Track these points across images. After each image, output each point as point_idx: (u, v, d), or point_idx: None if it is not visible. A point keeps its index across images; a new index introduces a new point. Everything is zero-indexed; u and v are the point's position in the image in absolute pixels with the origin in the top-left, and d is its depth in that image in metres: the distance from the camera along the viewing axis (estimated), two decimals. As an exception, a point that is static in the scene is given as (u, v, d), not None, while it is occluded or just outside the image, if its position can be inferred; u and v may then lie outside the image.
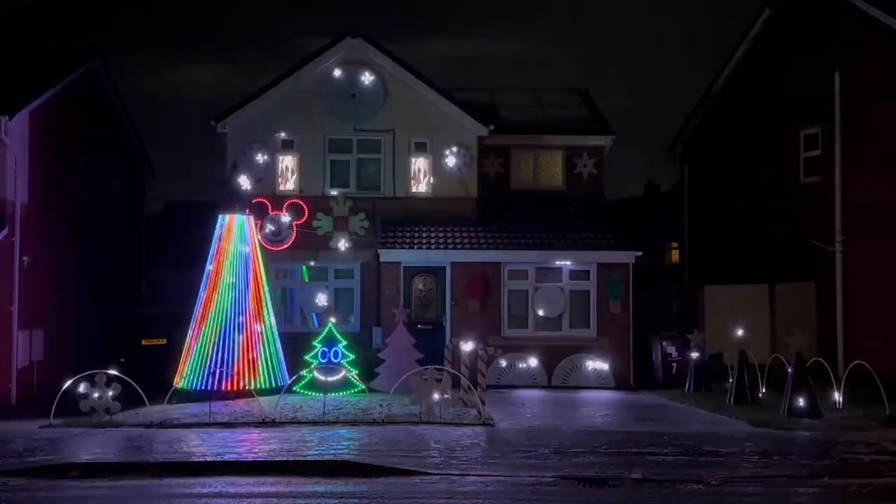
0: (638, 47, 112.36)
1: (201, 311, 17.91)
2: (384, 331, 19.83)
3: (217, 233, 18.29)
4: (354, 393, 17.19)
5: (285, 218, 21.01)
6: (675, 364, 20.33)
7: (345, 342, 17.54)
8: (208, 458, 11.70)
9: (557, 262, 20.85)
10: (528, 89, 26.36)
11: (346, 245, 21.08)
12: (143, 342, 20.32)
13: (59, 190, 20.52)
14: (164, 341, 20.02)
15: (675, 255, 32.04)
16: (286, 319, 20.74)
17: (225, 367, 17.30)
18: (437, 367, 16.01)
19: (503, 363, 20.27)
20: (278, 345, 18.42)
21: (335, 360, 17.19)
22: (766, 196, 23.33)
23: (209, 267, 18.15)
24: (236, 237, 18.14)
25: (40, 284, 19.16)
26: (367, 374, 18.11)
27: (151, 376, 16.45)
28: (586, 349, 20.57)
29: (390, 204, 21.55)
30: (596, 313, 20.70)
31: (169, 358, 18.26)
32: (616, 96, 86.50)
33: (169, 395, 15.41)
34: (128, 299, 24.83)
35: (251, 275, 18.13)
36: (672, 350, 20.50)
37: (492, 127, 21.93)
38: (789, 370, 15.51)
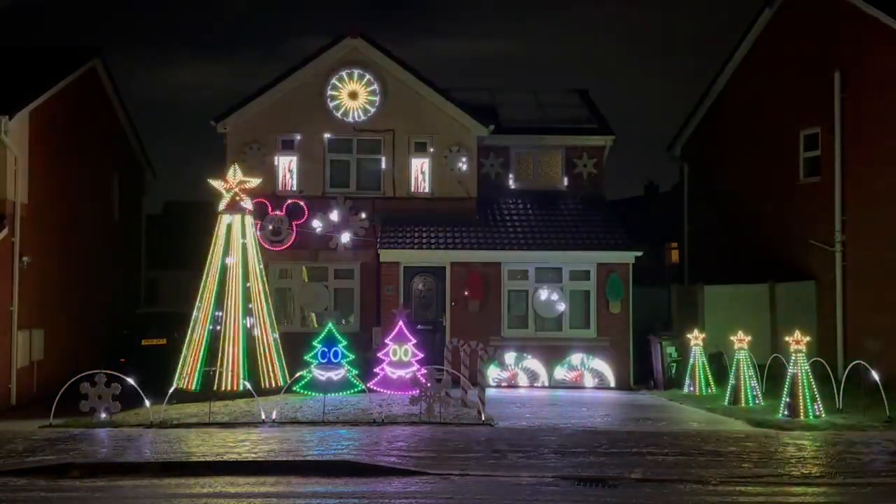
0: (638, 47, 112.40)
1: (200, 310, 17.90)
2: (384, 331, 19.83)
3: (216, 233, 18.32)
4: (354, 393, 17.18)
5: (285, 218, 21.01)
6: (675, 364, 20.34)
7: (345, 342, 17.54)
8: (208, 458, 11.71)
9: (557, 262, 20.85)
10: (529, 89, 26.37)
11: (346, 245, 21.08)
12: (143, 342, 20.29)
13: (59, 190, 20.51)
14: (164, 341, 19.99)
15: (675, 255, 32.04)
16: (286, 319, 20.77)
17: (225, 368, 17.30)
18: (437, 367, 16.01)
19: (503, 363, 20.27)
20: (278, 345, 18.43)
21: (335, 360, 17.19)
22: (766, 196, 23.35)
23: (207, 267, 18.17)
24: (233, 238, 18.14)
25: (40, 284, 19.15)
26: (367, 374, 18.11)
27: (151, 376, 16.44)
28: (586, 349, 20.57)
29: (390, 204, 21.56)
30: (596, 313, 20.71)
31: (169, 358, 18.26)
32: (616, 96, 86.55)
33: (169, 395, 15.40)
34: (128, 299, 24.82)
35: (248, 275, 18.11)
36: (672, 350, 20.51)
37: (492, 127, 21.94)
38: (789, 370, 15.52)
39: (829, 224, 21.03)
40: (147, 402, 14.95)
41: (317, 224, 21.06)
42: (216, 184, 18.46)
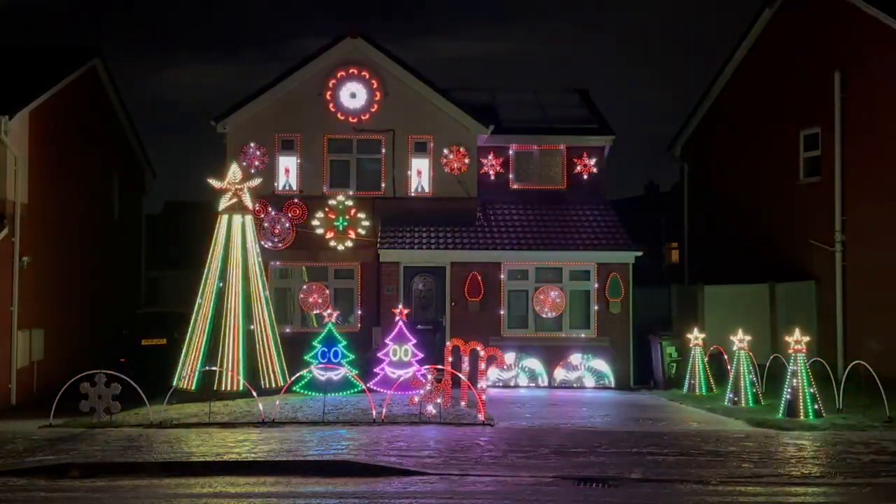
0: (638, 47, 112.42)
1: (200, 311, 17.90)
2: (384, 331, 19.81)
3: (215, 234, 18.31)
4: (354, 393, 17.17)
5: (285, 218, 21.02)
6: (675, 364, 20.34)
7: (345, 342, 17.54)
8: (208, 458, 11.70)
9: (557, 262, 20.85)
10: (529, 89, 26.37)
11: (346, 245, 21.08)
12: (143, 342, 20.31)
13: (59, 190, 20.50)
14: (164, 341, 20.01)
15: (675, 255, 32.07)
16: (286, 319, 20.76)
17: (224, 368, 17.30)
18: (437, 367, 16.01)
19: (503, 363, 20.24)
20: (278, 345, 18.42)
21: (335, 360, 17.18)
22: (766, 196, 23.35)
23: (207, 267, 18.16)
24: (232, 238, 18.14)
25: (40, 284, 19.14)
26: (367, 374, 18.10)
27: (151, 376, 16.43)
28: (586, 349, 20.57)
29: (390, 204, 21.55)
30: (596, 313, 20.72)
31: (169, 358, 18.25)
32: (616, 96, 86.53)
33: (169, 395, 15.39)
34: (128, 299, 24.82)
35: (249, 275, 18.10)
36: (672, 350, 20.51)
37: (492, 127, 21.94)
38: (789, 370, 15.52)
39: (829, 224, 21.03)
40: (147, 402, 14.95)
41: (317, 224, 21.06)
42: (216, 184, 18.46)
